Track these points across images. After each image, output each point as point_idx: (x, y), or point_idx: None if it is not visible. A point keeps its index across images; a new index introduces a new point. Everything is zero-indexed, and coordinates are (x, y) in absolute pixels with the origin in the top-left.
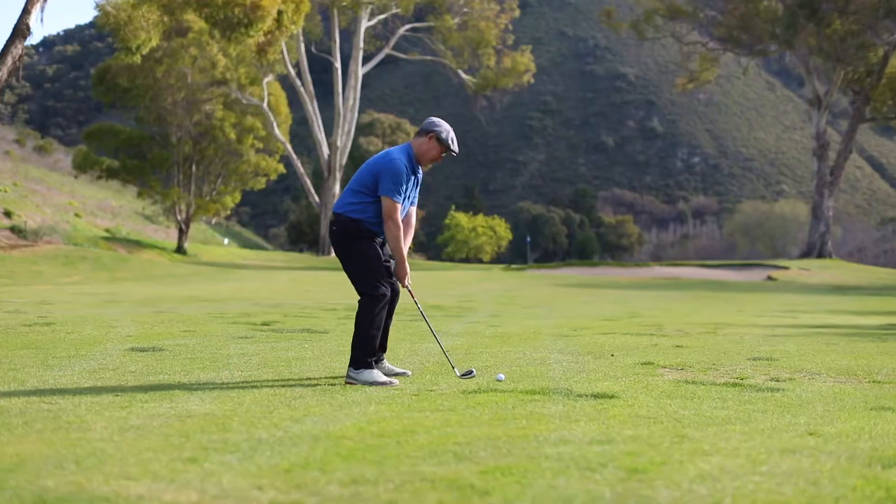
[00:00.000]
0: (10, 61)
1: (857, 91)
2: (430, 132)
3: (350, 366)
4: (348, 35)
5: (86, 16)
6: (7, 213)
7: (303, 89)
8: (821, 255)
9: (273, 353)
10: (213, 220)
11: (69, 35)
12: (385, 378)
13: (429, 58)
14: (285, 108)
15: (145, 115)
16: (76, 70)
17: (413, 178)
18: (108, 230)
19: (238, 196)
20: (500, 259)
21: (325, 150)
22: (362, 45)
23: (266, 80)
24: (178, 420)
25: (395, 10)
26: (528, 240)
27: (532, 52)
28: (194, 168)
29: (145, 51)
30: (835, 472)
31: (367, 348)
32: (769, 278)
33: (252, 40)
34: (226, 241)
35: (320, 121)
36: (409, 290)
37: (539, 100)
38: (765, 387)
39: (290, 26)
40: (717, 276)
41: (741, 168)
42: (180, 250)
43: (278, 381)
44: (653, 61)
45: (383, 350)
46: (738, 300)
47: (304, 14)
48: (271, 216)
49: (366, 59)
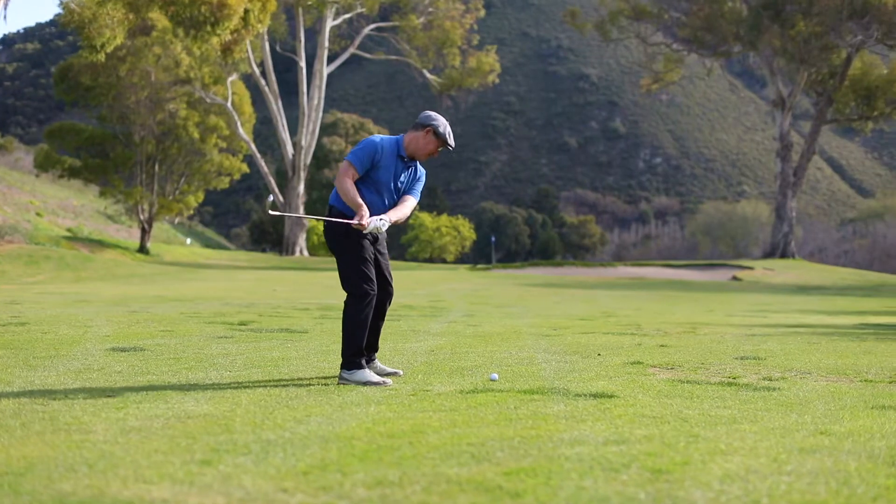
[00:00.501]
0: None
1: (821, 92)
2: (426, 126)
3: (342, 367)
4: (313, 34)
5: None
6: None
7: (267, 88)
8: (784, 256)
9: (257, 353)
10: (176, 220)
11: (29, 33)
12: (378, 378)
13: (394, 57)
14: (249, 108)
15: (108, 113)
16: (37, 68)
17: (401, 165)
18: (69, 230)
19: (201, 195)
20: (463, 259)
21: (290, 149)
22: (327, 44)
23: (230, 79)
24: (179, 421)
25: (360, 10)
26: (493, 239)
27: (496, 53)
28: (157, 167)
29: (110, 49)
30: (861, 471)
31: (354, 348)
32: (734, 278)
33: (217, 39)
34: (188, 240)
35: (285, 120)
36: (369, 229)
37: (502, 100)
38: (760, 386)
39: (256, 25)
40: (682, 276)
41: (703, 169)
42: (143, 250)
43: (270, 381)
44: (615, 62)
45: (374, 350)
46: (707, 300)
47: (270, 13)
48: (233, 216)
49: (331, 59)
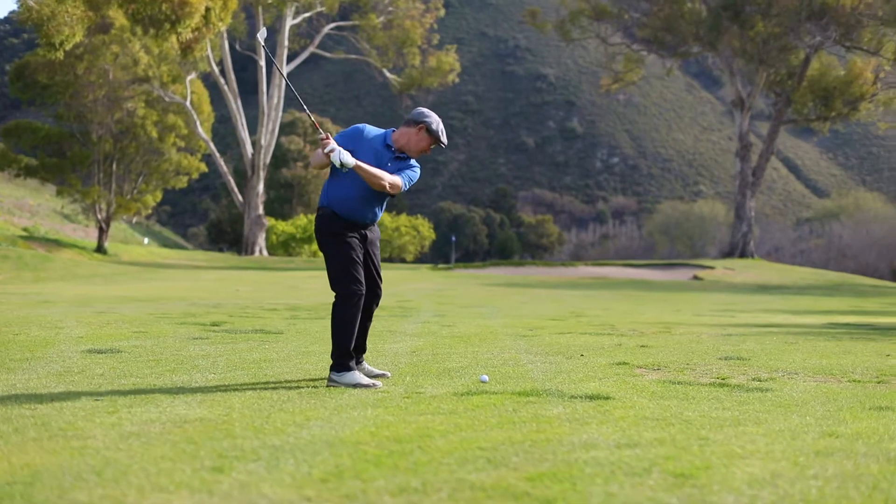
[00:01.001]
0: None
1: (779, 93)
2: (419, 123)
3: (332, 369)
4: (272, 33)
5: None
6: None
7: (226, 87)
8: (743, 255)
9: (237, 355)
10: (134, 220)
11: None
12: (368, 380)
13: (354, 56)
14: (208, 107)
15: (65, 112)
16: None
17: (389, 154)
18: (25, 229)
19: (159, 195)
20: (423, 259)
21: (249, 148)
22: (287, 43)
23: (189, 77)
24: (176, 426)
25: (319, 9)
26: (453, 239)
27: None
28: (115, 166)
29: (68, 46)
30: (886, 475)
31: (341, 349)
32: (695, 278)
33: (177, 38)
34: (146, 240)
35: (244, 119)
36: (330, 147)
37: (460, 100)
38: (751, 387)
39: (217, 23)
40: (643, 276)
41: (660, 168)
42: (100, 250)
43: (258, 384)
44: (573, 62)
45: (362, 352)
46: (672, 300)
47: (231, 11)
48: (190, 215)
49: (290, 58)
